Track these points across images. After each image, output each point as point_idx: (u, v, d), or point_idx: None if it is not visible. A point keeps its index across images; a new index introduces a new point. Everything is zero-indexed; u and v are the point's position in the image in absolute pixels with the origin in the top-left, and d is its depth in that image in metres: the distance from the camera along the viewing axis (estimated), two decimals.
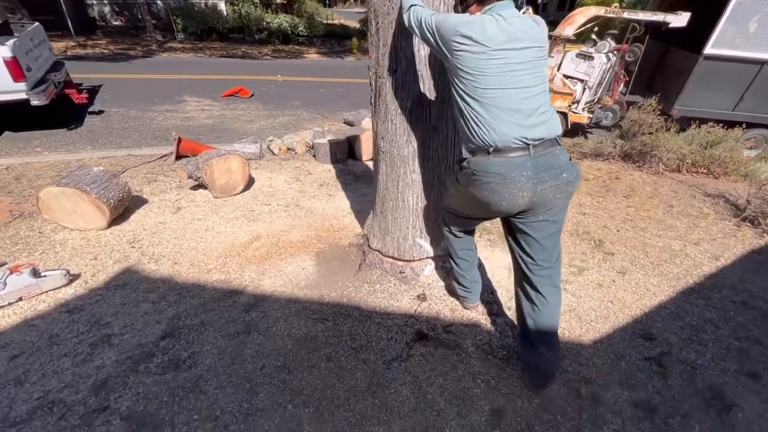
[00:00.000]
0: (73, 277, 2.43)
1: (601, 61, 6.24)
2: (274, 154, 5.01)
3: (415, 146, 2.03)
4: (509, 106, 1.41)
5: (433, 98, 1.96)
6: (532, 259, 1.67)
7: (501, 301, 2.30)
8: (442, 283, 2.36)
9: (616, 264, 2.83)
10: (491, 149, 1.45)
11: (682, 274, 2.77)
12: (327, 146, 4.74)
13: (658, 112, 5.19)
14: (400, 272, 2.31)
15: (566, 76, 6.44)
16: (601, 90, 6.64)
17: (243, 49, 12.80)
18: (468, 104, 1.47)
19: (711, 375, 1.98)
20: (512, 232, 1.69)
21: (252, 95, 7.67)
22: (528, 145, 1.42)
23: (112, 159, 4.48)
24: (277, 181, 4.16)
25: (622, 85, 6.80)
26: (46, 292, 2.29)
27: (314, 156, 4.90)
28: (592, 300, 2.40)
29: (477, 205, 1.62)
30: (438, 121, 2.02)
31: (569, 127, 6.39)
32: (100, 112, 6.26)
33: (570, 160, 1.52)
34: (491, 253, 2.78)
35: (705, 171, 4.67)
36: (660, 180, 4.52)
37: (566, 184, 1.48)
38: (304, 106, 7.41)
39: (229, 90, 7.56)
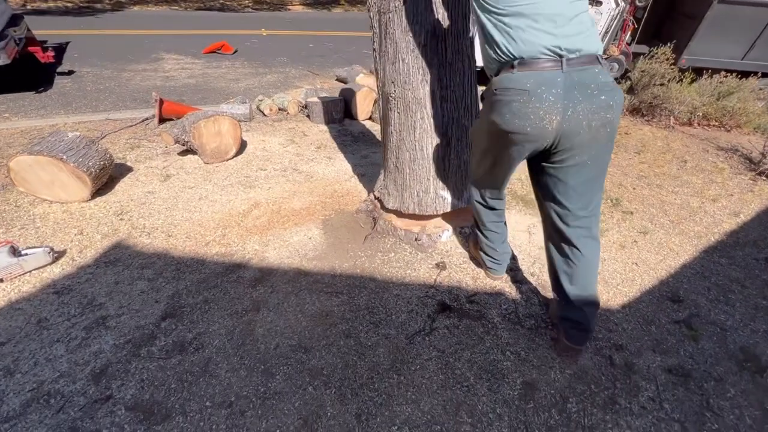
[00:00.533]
0: (58, 255, 2.22)
1: (610, 6, 5.82)
2: (264, 115, 4.67)
3: (431, 86, 1.81)
4: (542, 11, 1.19)
5: (447, 30, 1.73)
6: (566, 209, 1.45)
7: (523, 267, 2.16)
8: (461, 250, 2.21)
9: (635, 223, 2.70)
10: (516, 62, 1.24)
11: (703, 232, 2.66)
12: (321, 106, 4.41)
13: (672, 61, 4.90)
14: (416, 239, 2.14)
15: None
16: (607, 39, 6.26)
17: (221, 1, 11.81)
18: (491, 14, 1.26)
19: (741, 336, 1.91)
20: (542, 179, 1.49)
21: (235, 51, 7.11)
22: (561, 57, 1.21)
23: (89, 124, 4.11)
24: (272, 143, 3.88)
25: (629, 34, 6.42)
26: (30, 272, 2.08)
27: (308, 116, 4.58)
28: (616, 262, 2.28)
29: (500, 139, 1.38)
30: (454, 57, 1.81)
31: None
32: (71, 72, 5.72)
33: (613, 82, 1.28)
34: (508, 216, 2.61)
35: (717, 124, 4.49)
36: (671, 134, 4.34)
37: (605, 109, 1.23)
38: (293, 63, 6.91)
39: (210, 46, 6.98)
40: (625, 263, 2.28)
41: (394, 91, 1.90)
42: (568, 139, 1.27)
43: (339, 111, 4.51)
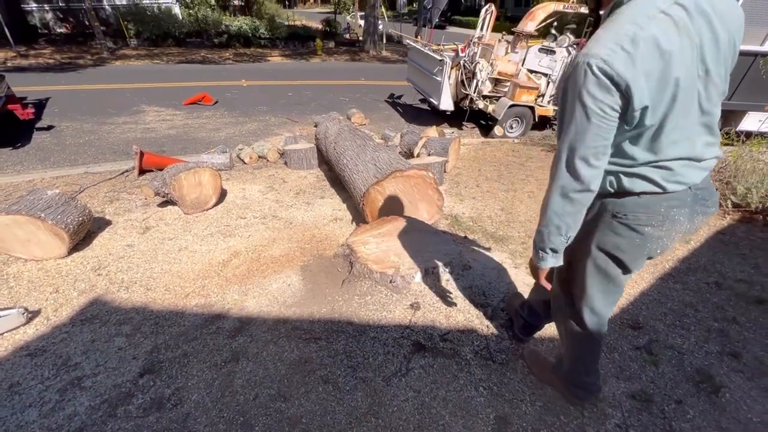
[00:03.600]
0: (32, 315, 2.20)
1: (563, 54, 6.38)
2: (244, 163, 4.81)
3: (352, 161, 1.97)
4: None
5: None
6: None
7: (493, 303, 2.27)
8: (434, 289, 2.31)
9: None
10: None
11: (658, 260, 2.86)
12: (300, 153, 4.60)
13: None
14: (390, 281, 2.24)
15: (530, 71, 6.56)
16: None
17: (202, 54, 12.29)
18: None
19: (697, 358, 2.04)
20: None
21: (216, 102, 7.36)
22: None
23: (67, 178, 4.14)
24: (251, 191, 3.99)
25: None
26: (2, 334, 2.05)
27: (286, 163, 4.74)
28: None
29: (602, 271, 1.30)
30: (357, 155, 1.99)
31: (536, 120, 6.53)
32: (50, 127, 5.79)
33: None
34: (478, 254, 2.75)
35: None
36: None
37: (706, 219, 1.21)
38: (272, 111, 7.18)
39: (191, 98, 7.22)
40: None
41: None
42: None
43: (316, 157, 4.70)
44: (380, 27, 15.53)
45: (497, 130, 6.41)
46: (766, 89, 5.82)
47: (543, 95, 6.65)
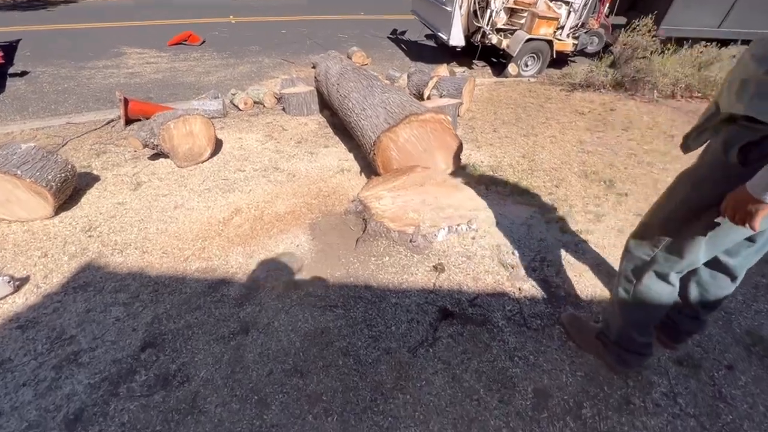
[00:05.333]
0: (20, 283, 2.00)
1: None
2: (239, 109, 4.39)
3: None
4: None
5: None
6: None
7: (524, 263, 2.05)
8: (459, 248, 2.08)
9: (631, 206, 2.62)
10: None
11: None
12: (299, 97, 4.16)
13: (653, 33, 4.80)
14: (410, 241, 2.00)
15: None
16: (586, 12, 6.11)
17: None
18: None
19: (746, 318, 1.86)
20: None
21: (203, 42, 6.68)
22: None
23: (49, 129, 3.77)
24: (249, 141, 3.64)
25: (607, 6, 6.29)
26: None
27: (284, 109, 4.32)
28: (617, 249, 2.19)
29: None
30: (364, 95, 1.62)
31: (554, 56, 5.93)
32: (24, 73, 5.26)
33: None
34: (504, 207, 2.49)
35: (700, 95, 4.44)
36: (656, 109, 4.27)
37: None
38: (265, 51, 6.54)
39: (175, 37, 6.53)
40: None
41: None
42: None
43: (317, 102, 4.27)
44: None
45: (511, 68, 5.84)
46: None
47: (562, 27, 5.99)
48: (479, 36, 5.89)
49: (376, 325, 1.70)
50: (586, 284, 1.93)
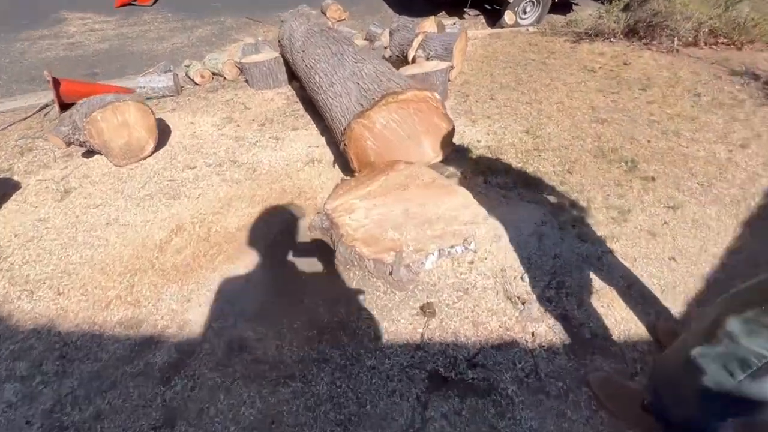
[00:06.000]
0: None
1: None
2: (196, 84, 3.68)
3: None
4: None
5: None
6: None
7: (536, 291, 1.57)
8: (454, 279, 1.58)
9: (660, 193, 2.10)
10: None
11: (740, 196, 2.09)
12: (262, 66, 3.44)
13: None
14: (390, 273, 1.50)
15: None
16: None
17: None
18: None
19: None
20: None
21: (155, 1, 5.69)
22: None
23: None
24: (204, 125, 3.00)
25: None
26: None
27: (247, 81, 3.61)
28: (650, 261, 1.71)
29: None
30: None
31: (556, 0, 5.08)
32: None
33: None
34: (507, 210, 1.96)
35: (726, 41, 3.74)
36: (676, 60, 3.59)
37: None
38: (228, 9, 5.60)
39: None
40: (661, 260, 1.71)
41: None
42: None
43: (285, 70, 3.56)
44: None
45: (507, 16, 5.01)
46: None
47: None
48: None
49: (346, 403, 1.24)
50: (617, 318, 1.47)
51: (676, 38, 3.69)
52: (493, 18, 5.31)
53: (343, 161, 2.38)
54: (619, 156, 2.38)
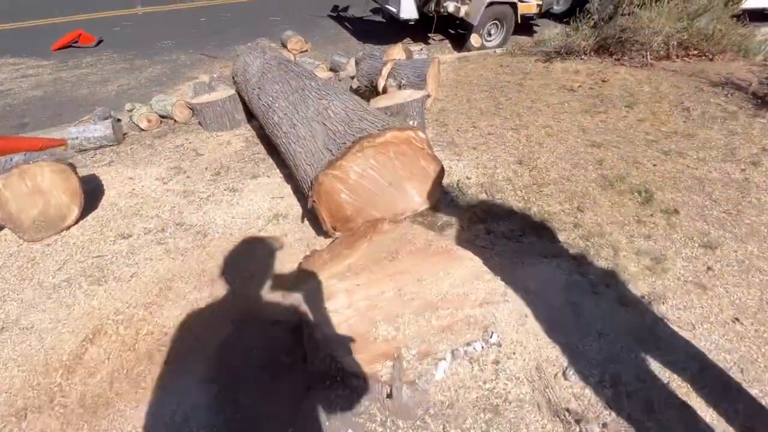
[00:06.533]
0: None
1: None
2: (142, 129, 3.16)
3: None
4: None
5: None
6: None
7: (589, 399, 1.13)
8: (477, 393, 1.10)
9: (688, 229, 1.76)
10: None
11: None
12: (216, 106, 2.98)
13: None
14: (388, 396, 1.03)
15: None
16: None
17: None
18: None
19: None
20: None
21: (99, 42, 5.16)
22: None
23: None
24: (146, 179, 2.48)
25: None
26: None
27: (201, 124, 3.13)
28: (712, 327, 1.32)
29: None
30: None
31: (519, 21, 4.95)
32: None
33: None
34: (523, 273, 1.55)
35: (696, 53, 3.62)
36: (653, 74, 3.41)
37: None
38: (181, 46, 5.14)
39: (62, 39, 4.98)
40: (723, 324, 1.33)
41: None
42: None
43: (243, 109, 3.11)
44: None
45: (473, 39, 4.82)
46: None
47: None
48: (433, 5, 4.78)
49: None
50: (701, 427, 1.05)
51: (648, 52, 3.53)
52: (458, 42, 5.13)
53: (313, 215, 1.93)
54: (629, 185, 2.05)
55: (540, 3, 5.09)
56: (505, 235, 1.72)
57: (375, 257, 1.37)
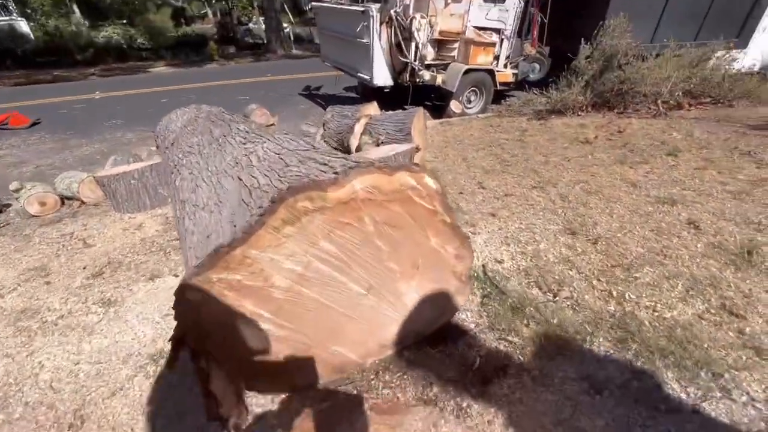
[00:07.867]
0: None
1: (515, 3, 4.56)
2: (32, 216, 2.23)
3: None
4: None
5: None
6: None
7: None
8: None
9: None
10: None
11: None
12: (129, 179, 2.13)
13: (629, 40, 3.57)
14: None
15: (479, 28, 4.62)
16: (515, 41, 5.00)
17: (55, 74, 8.82)
18: None
19: None
20: None
21: (34, 123, 4.46)
22: None
23: None
24: None
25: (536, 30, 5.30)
26: None
27: (111, 203, 2.24)
28: None
29: None
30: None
31: (497, 87, 4.64)
32: None
33: None
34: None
35: (710, 101, 3.17)
36: (673, 123, 2.86)
37: None
38: (131, 125, 4.49)
39: None
40: None
41: None
42: None
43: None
44: (287, 29, 12.98)
45: (454, 105, 4.39)
46: None
47: (498, 57, 4.77)
48: (407, 74, 4.44)
49: None
50: None
51: (660, 102, 3.04)
52: (438, 111, 4.72)
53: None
54: (725, 249, 1.21)
55: (515, 72, 4.87)
56: (632, 393, 0.77)
57: None
